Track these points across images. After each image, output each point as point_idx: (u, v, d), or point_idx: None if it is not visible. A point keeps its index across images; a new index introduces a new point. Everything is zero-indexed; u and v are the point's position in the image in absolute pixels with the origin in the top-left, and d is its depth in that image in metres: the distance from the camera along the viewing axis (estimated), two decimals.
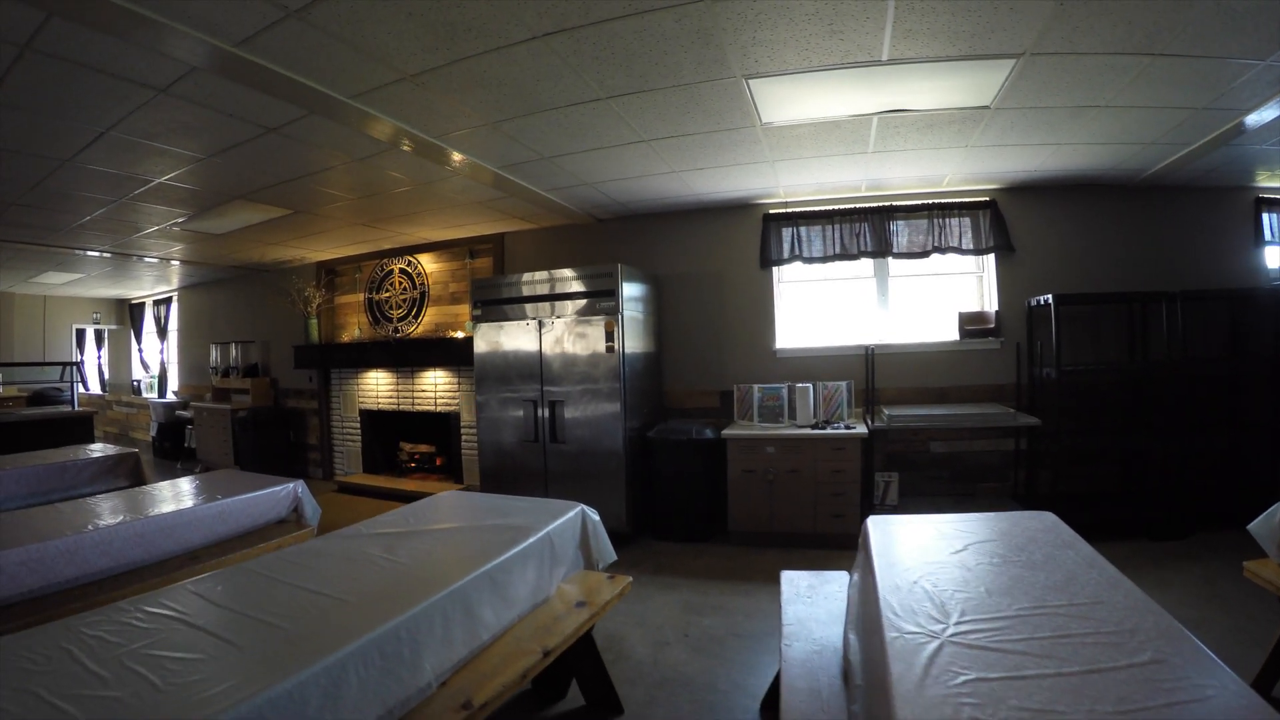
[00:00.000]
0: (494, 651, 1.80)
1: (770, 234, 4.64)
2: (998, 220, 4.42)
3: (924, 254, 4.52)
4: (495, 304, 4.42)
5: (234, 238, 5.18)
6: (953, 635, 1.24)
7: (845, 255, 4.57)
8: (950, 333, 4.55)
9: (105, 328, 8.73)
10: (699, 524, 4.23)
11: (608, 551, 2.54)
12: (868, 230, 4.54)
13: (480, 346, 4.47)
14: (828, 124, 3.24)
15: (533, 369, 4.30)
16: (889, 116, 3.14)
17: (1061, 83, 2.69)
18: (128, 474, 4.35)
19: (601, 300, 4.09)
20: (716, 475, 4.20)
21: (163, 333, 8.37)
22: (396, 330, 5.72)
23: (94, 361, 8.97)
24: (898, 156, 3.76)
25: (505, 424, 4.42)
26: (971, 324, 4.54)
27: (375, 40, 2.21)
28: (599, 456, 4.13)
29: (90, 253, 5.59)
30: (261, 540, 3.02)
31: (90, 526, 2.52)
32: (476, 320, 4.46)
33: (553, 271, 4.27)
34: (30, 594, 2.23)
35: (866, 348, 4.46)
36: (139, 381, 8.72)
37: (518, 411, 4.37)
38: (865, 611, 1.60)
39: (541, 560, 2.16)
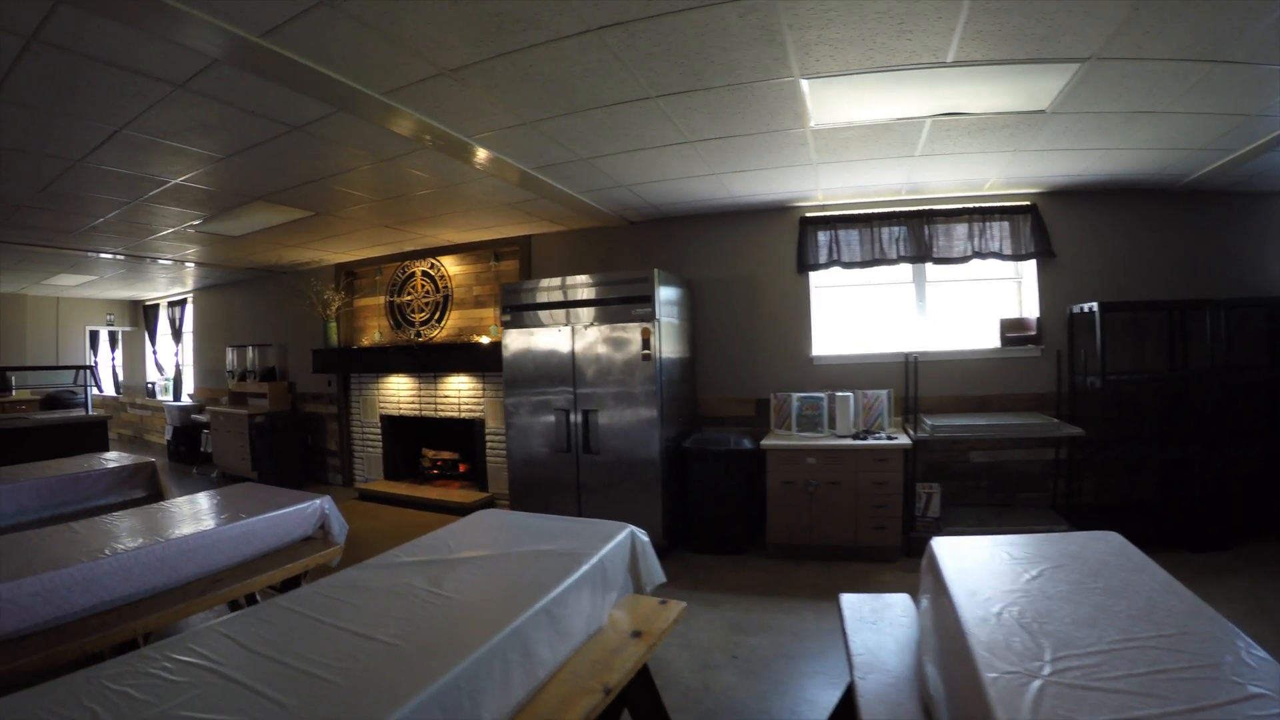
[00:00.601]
0: (551, 692, 1.65)
1: (807, 238, 4.50)
2: (1039, 225, 4.28)
3: (964, 259, 4.38)
4: (526, 309, 4.28)
5: (251, 240, 5.07)
6: (1052, 675, 1.19)
7: (884, 260, 4.43)
8: (989, 340, 4.42)
9: (119, 329, 8.62)
10: (736, 536, 4.11)
11: (657, 573, 2.39)
12: (906, 234, 4.40)
13: (509, 353, 4.34)
14: (878, 126, 3.13)
15: (565, 377, 4.17)
16: (943, 119, 3.02)
17: (1121, 88, 2.60)
18: (145, 484, 4.17)
19: (637, 306, 3.96)
20: (754, 486, 4.08)
21: (178, 335, 8.27)
22: (419, 334, 5.59)
23: (108, 363, 8.87)
24: (944, 160, 3.63)
25: (535, 433, 4.29)
26: (1012, 331, 4.40)
27: (414, 32, 2.06)
28: (634, 467, 4.01)
29: (103, 255, 5.49)
30: (288, 559, 2.86)
31: (107, 551, 2.38)
32: (506, 325, 4.33)
33: (586, 276, 4.13)
34: (44, 625, 2.10)
35: (906, 355, 4.33)
36: (153, 384, 8.63)
37: (548, 420, 4.24)
38: (948, 644, 1.51)
39: (594, 588, 2.02)
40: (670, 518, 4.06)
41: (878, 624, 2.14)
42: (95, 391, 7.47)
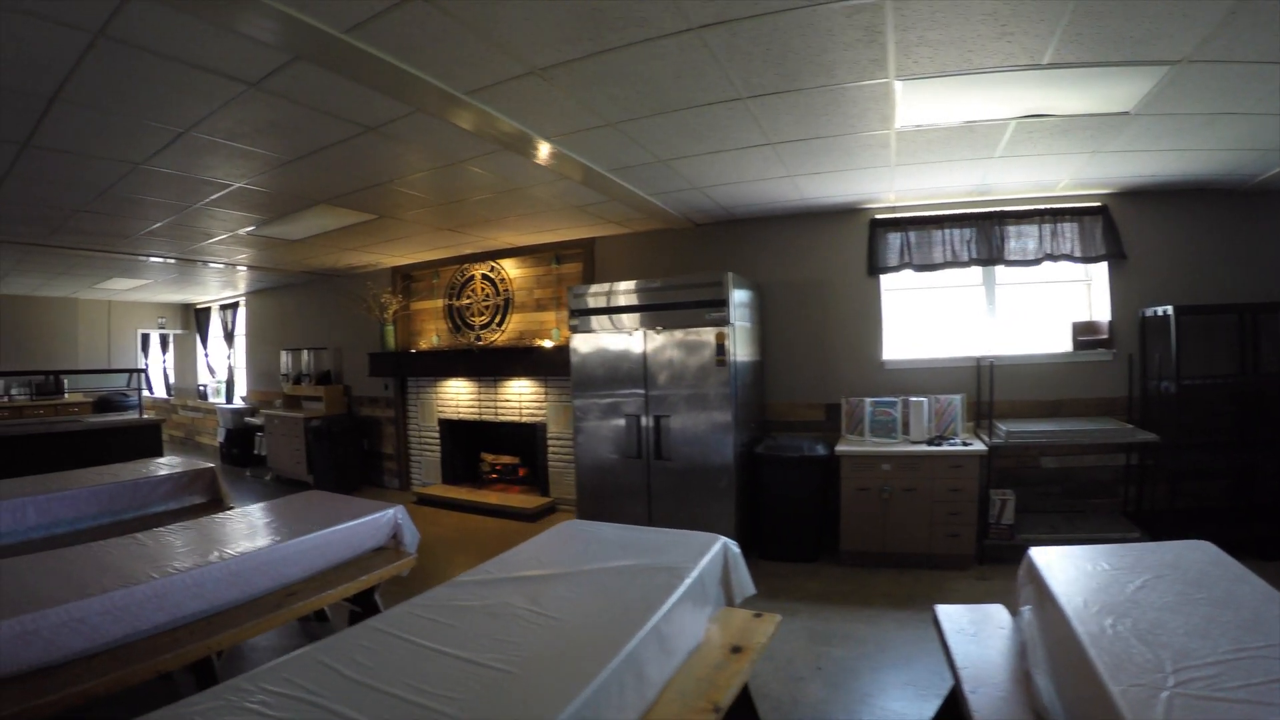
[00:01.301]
0: (660, 713, 1.60)
1: (877, 240, 4.46)
2: (1109, 226, 4.21)
3: (1036, 261, 4.32)
4: (595, 313, 4.26)
5: (309, 244, 5.08)
6: (1176, 686, 1.23)
7: (956, 262, 4.37)
8: (1060, 344, 4.36)
9: (170, 332, 8.69)
10: (808, 543, 4.07)
11: (747, 585, 2.36)
12: (976, 236, 4.35)
13: (578, 357, 4.32)
14: (962, 128, 3.08)
15: (636, 382, 4.15)
16: (1027, 121, 2.97)
17: (1206, 90, 2.56)
18: (204, 490, 4.17)
19: (711, 309, 3.93)
20: (827, 493, 4.05)
21: (230, 338, 8.31)
22: (479, 338, 5.58)
23: (158, 366, 8.96)
24: (1022, 161, 3.58)
25: (604, 439, 4.28)
26: (1084, 334, 4.34)
27: (509, 28, 1.99)
28: (708, 474, 3.98)
29: (156, 259, 5.51)
30: (361, 571, 2.81)
31: (179, 566, 2.29)
32: (575, 329, 4.32)
33: (658, 279, 4.11)
34: (114, 643, 2.02)
35: (978, 359, 4.28)
36: (205, 386, 8.69)
37: (618, 425, 4.22)
38: (1063, 656, 1.54)
39: (695, 603, 2.00)
40: (743, 525, 4.03)
41: (979, 636, 2.12)
42: (146, 393, 7.52)
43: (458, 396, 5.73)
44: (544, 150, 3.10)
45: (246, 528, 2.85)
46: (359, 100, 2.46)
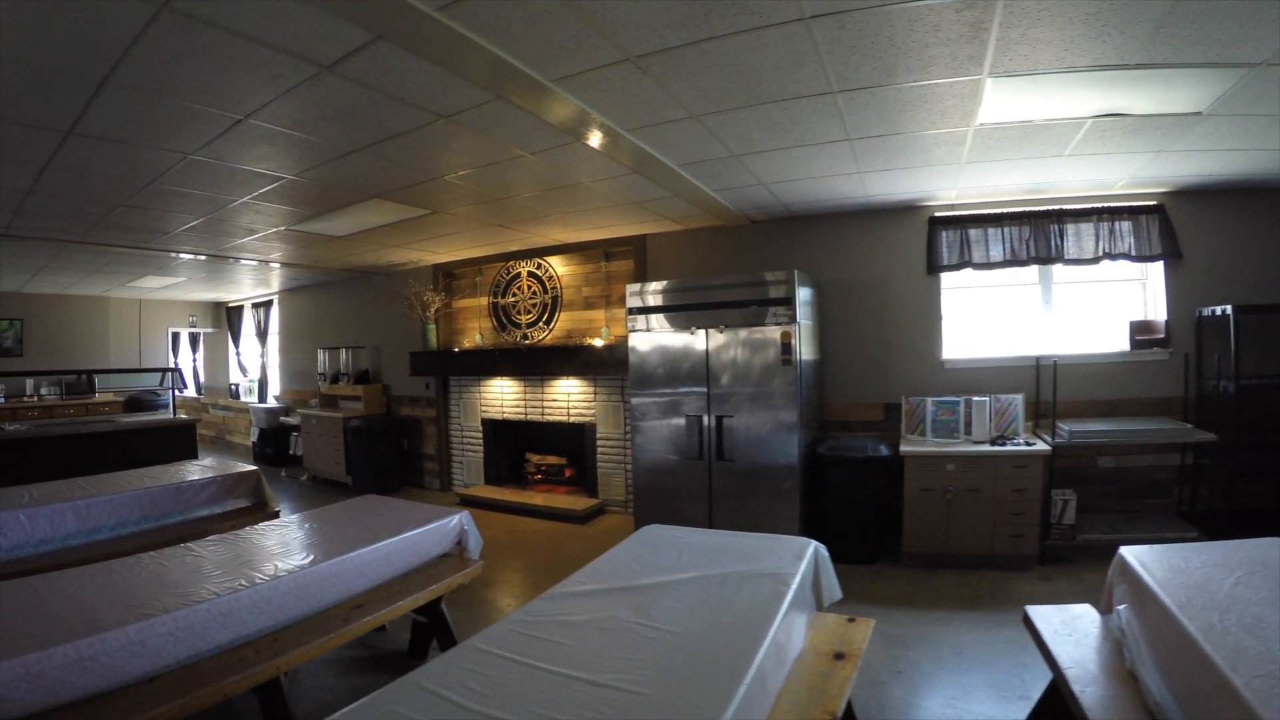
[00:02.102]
0: None
1: (936, 238, 4.42)
2: (1166, 226, 4.19)
3: (1094, 260, 4.29)
4: (655, 310, 4.22)
5: (352, 240, 5.00)
6: None
7: (1015, 261, 4.34)
8: (1116, 343, 4.34)
9: (201, 331, 8.59)
10: (870, 545, 4.04)
11: (835, 589, 2.31)
12: (1035, 235, 4.32)
13: (636, 356, 4.27)
14: (1039, 126, 3.06)
15: (698, 381, 4.10)
16: (1103, 120, 2.96)
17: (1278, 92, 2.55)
18: (248, 493, 4.06)
19: (776, 308, 3.89)
20: (889, 494, 4.02)
21: (262, 336, 8.21)
22: (526, 336, 5.52)
23: (189, 365, 8.86)
24: (1087, 160, 3.55)
25: (663, 440, 4.23)
26: (1141, 334, 4.32)
27: (615, 12, 1.90)
28: (772, 475, 3.94)
29: (194, 257, 5.42)
30: (429, 580, 2.69)
31: (243, 582, 2.15)
32: (633, 328, 4.27)
33: (719, 276, 4.07)
34: (176, 664, 1.89)
35: (1036, 359, 4.26)
36: (236, 385, 8.60)
37: (677, 425, 4.17)
38: (1175, 652, 1.56)
39: (798, 610, 1.96)
40: (806, 527, 4.00)
41: (1074, 635, 2.11)
42: (180, 393, 7.43)
43: (502, 396, 5.66)
44: (617, 143, 3.03)
45: (307, 537, 2.73)
46: (437, 86, 2.34)
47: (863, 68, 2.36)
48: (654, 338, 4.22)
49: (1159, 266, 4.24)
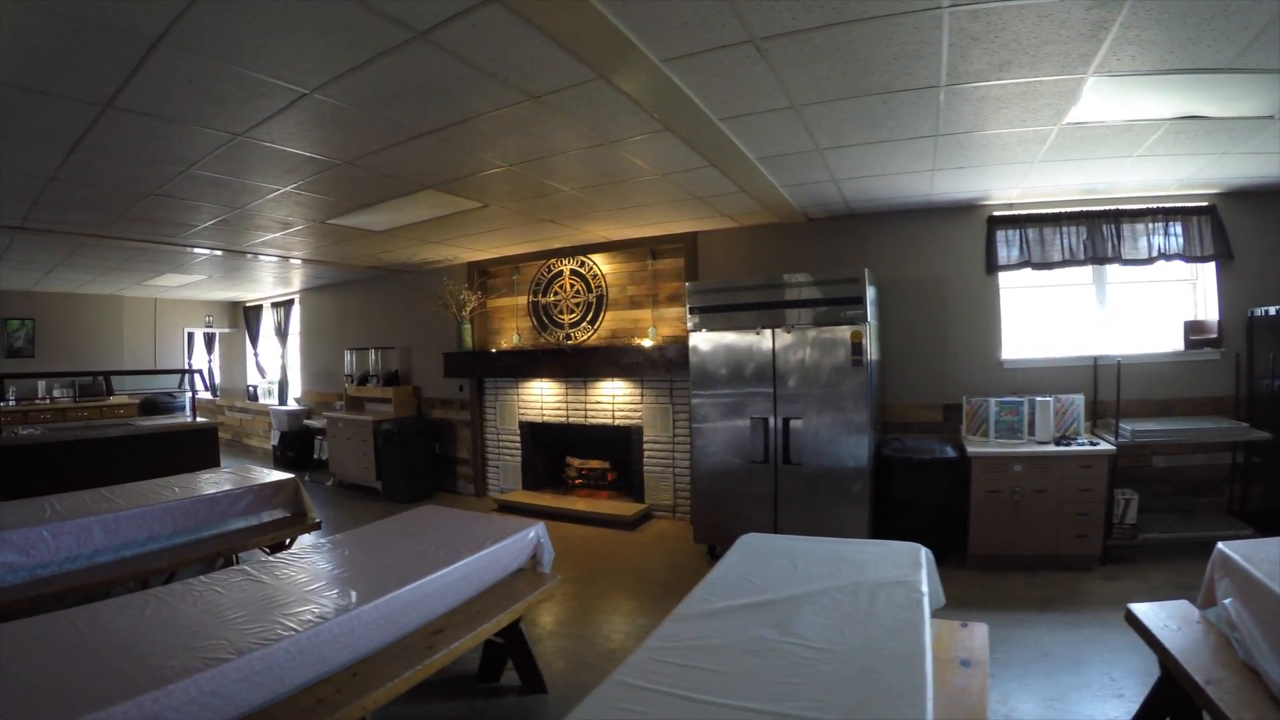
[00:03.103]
0: None
1: (995, 238, 4.38)
2: (1218, 226, 4.20)
3: (1149, 261, 4.27)
4: (718, 310, 4.11)
5: (390, 236, 4.80)
6: None
7: (1073, 261, 4.31)
8: (1169, 343, 4.34)
9: (216, 331, 8.30)
10: (937, 547, 3.95)
11: (940, 594, 2.23)
12: (1091, 235, 4.31)
13: (698, 356, 4.15)
14: (1119, 126, 3.05)
15: (764, 383, 4.00)
16: (1180, 122, 2.96)
17: None
18: (286, 503, 3.86)
19: (846, 308, 3.81)
20: (955, 495, 3.96)
21: (283, 336, 7.96)
22: (569, 336, 5.38)
23: (203, 366, 8.55)
24: (1153, 161, 3.54)
25: (725, 443, 4.11)
26: (1195, 333, 4.32)
27: None
28: (840, 478, 3.85)
29: (217, 254, 5.20)
30: (508, 599, 2.49)
31: (322, 613, 1.92)
32: (694, 327, 4.16)
33: (785, 275, 3.97)
34: (251, 710, 1.68)
35: (1094, 358, 4.24)
36: (254, 387, 8.32)
37: (740, 427, 4.07)
38: None
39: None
40: (874, 531, 3.93)
41: (1181, 630, 2.11)
42: (202, 396, 7.15)
43: (542, 398, 5.51)
44: (704, 133, 2.91)
45: (379, 556, 2.49)
46: (537, 61, 2.16)
47: (978, 62, 2.29)
48: (716, 337, 4.12)
49: (1210, 267, 4.24)
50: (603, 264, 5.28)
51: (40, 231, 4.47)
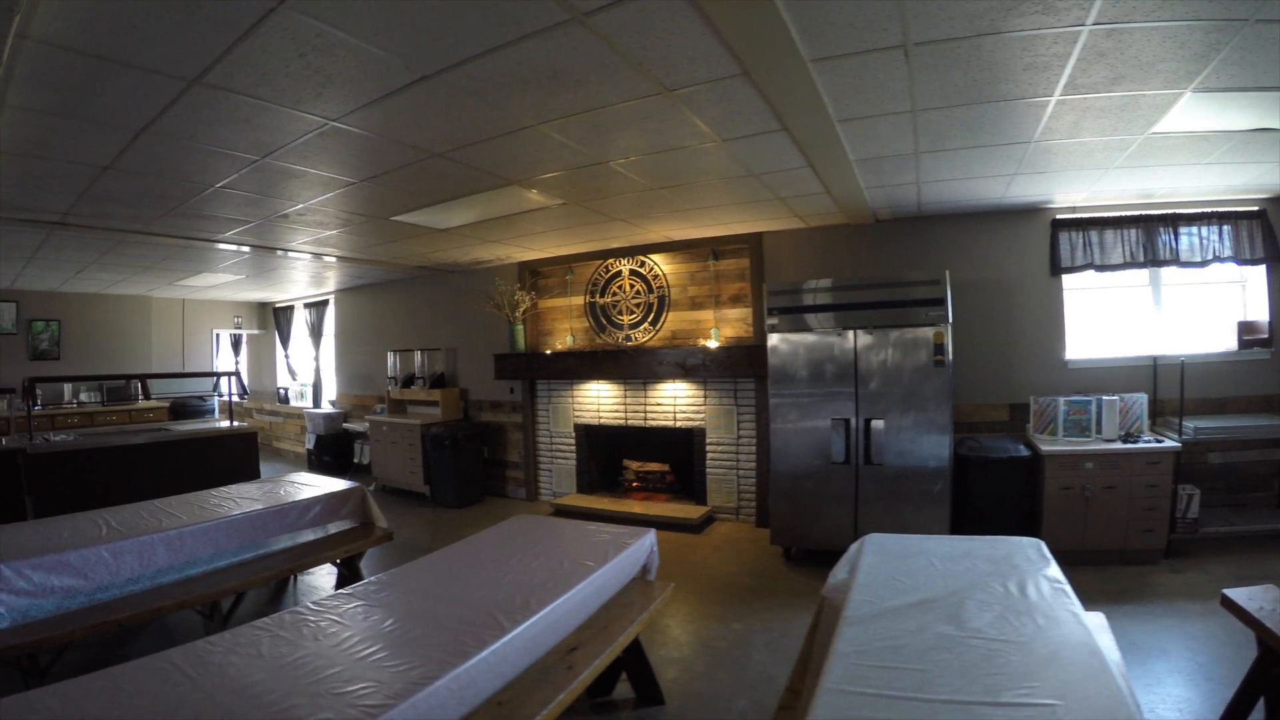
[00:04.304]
0: None
1: (1059, 240, 4.46)
2: (1268, 230, 4.34)
3: (1204, 264, 4.40)
4: (797, 311, 4.11)
5: (452, 234, 4.63)
6: None
7: (1133, 263, 4.41)
8: (1223, 343, 4.46)
9: (244, 332, 8.02)
10: None
11: None
12: (1150, 238, 4.41)
13: (777, 358, 4.15)
14: (1199, 136, 3.14)
15: (845, 383, 4.01)
16: (1255, 134, 3.06)
17: None
18: (354, 513, 3.69)
19: (928, 309, 3.85)
20: (1027, 493, 4.03)
21: (317, 337, 7.76)
22: (629, 338, 5.33)
23: (230, 368, 8.26)
24: (1221, 168, 3.66)
25: (803, 444, 4.12)
26: (1248, 334, 4.46)
27: None
28: (921, 478, 3.88)
29: (260, 250, 4.99)
30: (630, 610, 2.39)
31: (476, 641, 1.72)
32: (772, 328, 4.15)
33: (865, 276, 4.01)
34: None
35: (1153, 358, 4.35)
36: (285, 389, 8.05)
37: (819, 428, 4.07)
38: None
39: None
40: (952, 530, 3.97)
41: (1276, 611, 2.18)
42: (222, 397, 6.91)
43: (599, 400, 5.45)
44: (817, 134, 2.91)
45: (501, 572, 2.31)
46: (687, 52, 2.09)
47: (1096, 75, 2.36)
48: (796, 338, 4.11)
49: (1259, 269, 4.37)
50: (663, 264, 5.24)
51: (79, 228, 4.26)
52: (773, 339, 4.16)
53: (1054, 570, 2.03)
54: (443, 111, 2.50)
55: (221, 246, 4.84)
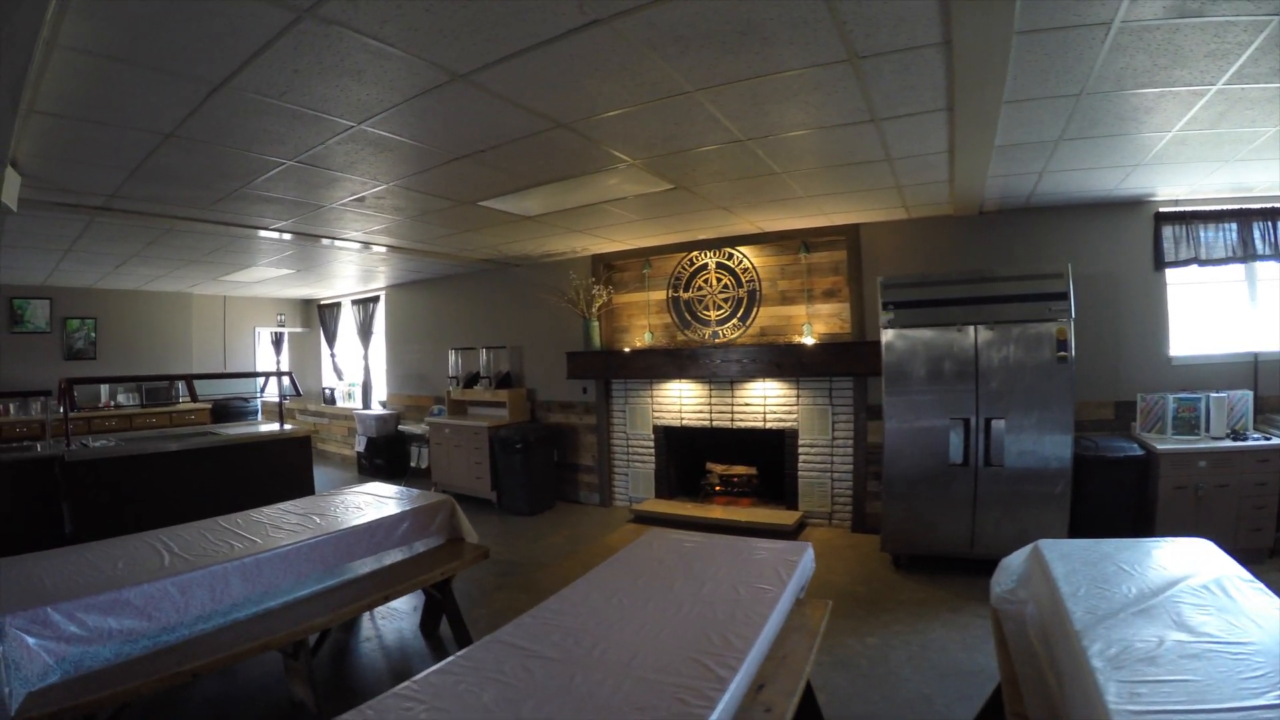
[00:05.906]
0: None
1: (1162, 234, 4.41)
2: None
3: None
4: (914, 306, 3.97)
5: (539, 221, 4.37)
6: None
7: (1235, 258, 4.38)
8: None
9: (287, 330, 7.60)
10: None
11: None
12: (1249, 231, 4.39)
13: (892, 355, 4.01)
14: None
15: (965, 381, 3.89)
16: None
17: None
18: (443, 527, 3.33)
19: (1051, 303, 3.75)
20: (1139, 492, 3.97)
21: (366, 335, 7.38)
22: (716, 335, 5.14)
23: (271, 366, 7.82)
24: None
25: (918, 445, 3.99)
26: None
27: None
28: (1042, 479, 3.78)
29: (325, 242, 4.70)
30: (799, 641, 2.13)
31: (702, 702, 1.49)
32: (887, 325, 4.02)
33: (985, 270, 3.89)
34: None
35: (1254, 354, 4.33)
36: (331, 389, 7.64)
37: (936, 428, 3.95)
38: None
39: None
40: (1071, 533, 3.88)
41: None
42: (269, 400, 6.51)
43: (681, 400, 5.24)
44: (977, 116, 2.77)
45: (689, 607, 2.04)
46: (899, 12, 1.94)
47: (1265, 65, 2.33)
48: (913, 334, 3.98)
49: None
50: (752, 256, 5.05)
51: (125, 214, 3.87)
52: (887, 335, 4.02)
53: (1238, 568, 1.98)
54: (599, 68, 2.17)
55: (283, 236, 4.51)
